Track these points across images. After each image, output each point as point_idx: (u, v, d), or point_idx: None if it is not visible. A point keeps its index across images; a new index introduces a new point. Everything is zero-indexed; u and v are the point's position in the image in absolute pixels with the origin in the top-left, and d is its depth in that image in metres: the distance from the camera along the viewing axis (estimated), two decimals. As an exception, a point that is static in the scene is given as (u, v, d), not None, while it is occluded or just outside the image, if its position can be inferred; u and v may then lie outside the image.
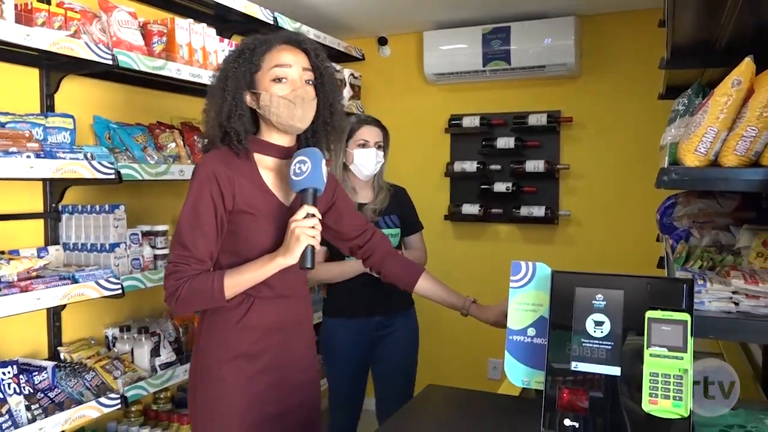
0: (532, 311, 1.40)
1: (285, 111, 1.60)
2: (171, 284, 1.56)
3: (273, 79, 1.61)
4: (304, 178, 1.56)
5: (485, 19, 3.52)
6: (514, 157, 3.60)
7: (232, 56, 1.67)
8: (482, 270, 3.71)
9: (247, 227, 1.62)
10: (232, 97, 1.60)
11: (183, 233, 1.57)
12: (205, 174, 1.58)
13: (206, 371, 1.65)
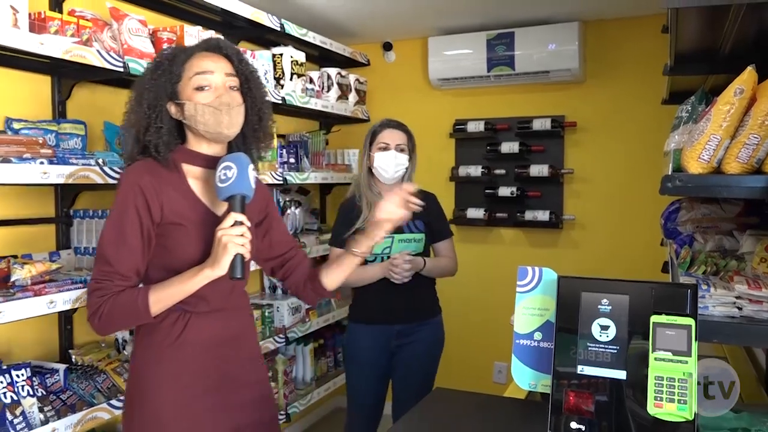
0: (538, 316, 1.42)
1: (211, 119, 1.55)
2: (93, 302, 1.49)
3: (195, 88, 1.56)
4: (230, 185, 1.49)
5: (489, 25, 3.55)
6: (518, 161, 3.63)
7: (149, 69, 1.61)
8: (487, 274, 3.73)
9: (176, 239, 1.55)
10: (150, 109, 1.55)
11: (106, 248, 1.50)
12: (130, 186, 1.52)
13: (144, 395, 1.57)
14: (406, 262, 2.44)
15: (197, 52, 1.60)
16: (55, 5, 2.25)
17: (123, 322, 1.54)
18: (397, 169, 2.53)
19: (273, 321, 3.07)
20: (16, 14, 1.86)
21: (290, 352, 3.28)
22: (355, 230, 2.52)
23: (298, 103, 3.12)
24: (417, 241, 2.56)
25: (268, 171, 2.92)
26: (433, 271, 2.57)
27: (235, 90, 1.60)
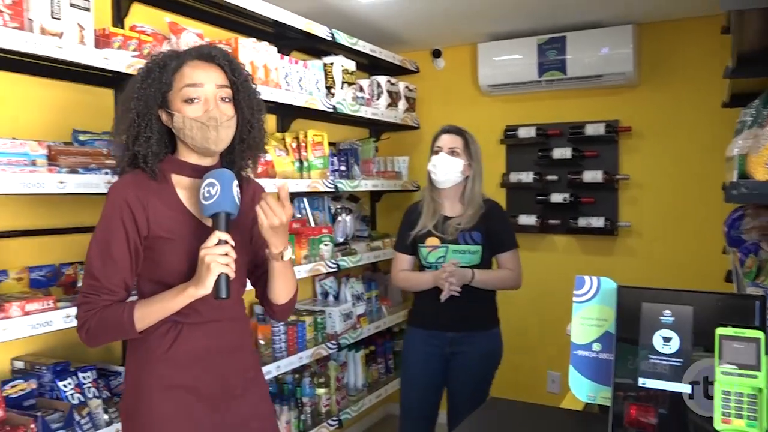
0: (596, 326, 1.39)
1: (198, 134, 1.51)
2: (81, 315, 1.48)
3: (184, 100, 1.51)
4: (213, 202, 1.45)
5: (540, 30, 3.51)
6: (571, 167, 3.57)
7: (140, 75, 1.55)
8: (539, 281, 3.67)
9: (163, 252, 1.52)
10: (140, 118, 1.51)
11: (92, 263, 1.49)
12: (116, 200, 1.49)
13: (138, 406, 1.54)
14: (449, 273, 2.41)
15: (189, 60, 1.54)
16: (117, 21, 2.34)
17: (110, 337, 1.53)
18: (447, 172, 2.51)
19: (325, 327, 3.09)
20: (82, 31, 1.94)
21: (342, 359, 3.30)
22: (415, 235, 2.57)
23: (349, 111, 3.15)
24: (472, 253, 2.52)
25: (319, 179, 2.96)
26: (487, 282, 2.52)
27: (226, 101, 1.55)
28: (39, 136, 2.04)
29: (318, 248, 2.99)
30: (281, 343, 2.78)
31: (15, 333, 1.68)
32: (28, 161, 1.78)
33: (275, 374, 2.69)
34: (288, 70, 2.85)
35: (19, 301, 1.72)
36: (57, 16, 1.87)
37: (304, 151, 2.99)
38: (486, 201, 2.60)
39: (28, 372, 1.96)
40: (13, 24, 1.74)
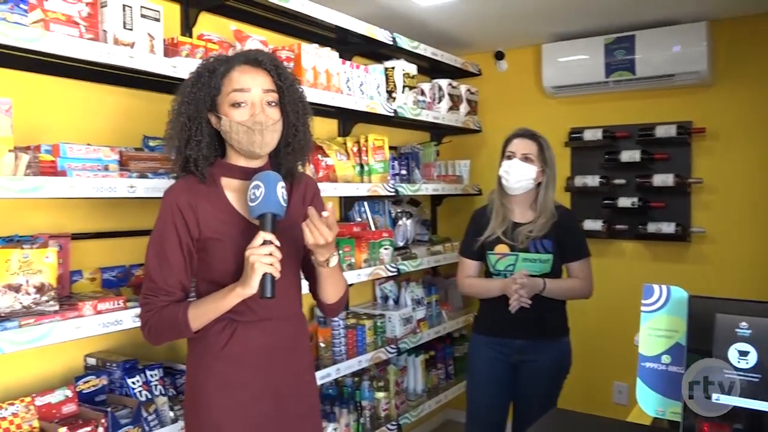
0: (665, 337, 1.33)
1: (244, 137, 1.55)
2: (142, 316, 1.58)
3: (232, 104, 1.55)
4: (259, 204, 1.48)
5: (607, 29, 3.41)
6: (639, 170, 3.44)
7: (190, 80, 1.61)
8: (606, 289, 3.54)
9: (214, 253, 1.57)
10: (191, 122, 1.56)
11: (149, 265, 1.57)
12: (167, 205, 1.57)
13: (198, 402, 1.60)
14: (519, 285, 2.36)
15: (237, 65, 1.58)
16: (186, 30, 2.41)
17: (169, 336, 1.59)
18: (519, 179, 2.45)
19: (385, 331, 3.09)
20: (152, 41, 2.01)
21: (401, 363, 3.29)
22: (483, 241, 2.51)
23: (410, 116, 3.14)
24: (542, 262, 2.45)
25: (380, 183, 2.96)
26: (557, 292, 2.46)
27: (273, 106, 1.59)
28: (112, 143, 2.12)
29: (378, 252, 2.99)
30: (341, 346, 2.80)
31: (87, 331, 1.75)
32: (101, 166, 1.85)
33: (334, 377, 2.70)
34: (349, 75, 2.87)
35: (91, 300, 1.79)
36: (129, 27, 1.94)
37: (364, 155, 3.00)
38: (557, 207, 2.52)
39: (100, 369, 2.04)
40: (89, 35, 1.82)
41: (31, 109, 1.97)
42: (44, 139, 1.88)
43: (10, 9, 1.63)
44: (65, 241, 1.96)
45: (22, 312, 1.65)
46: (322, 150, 2.82)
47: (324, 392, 3.01)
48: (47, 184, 1.65)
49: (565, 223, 2.50)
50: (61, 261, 1.94)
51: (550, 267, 2.45)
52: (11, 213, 1.90)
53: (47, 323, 1.66)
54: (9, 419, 1.74)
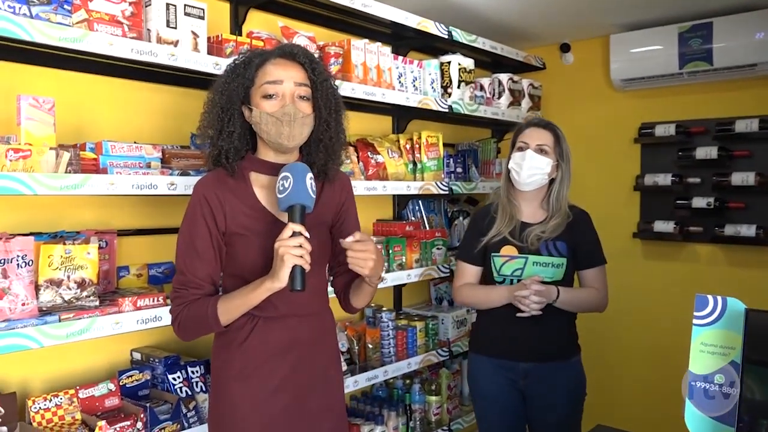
0: (720, 355, 1.19)
1: (273, 128, 1.54)
2: (173, 310, 1.58)
3: (263, 96, 1.55)
4: (287, 195, 1.47)
5: (682, 17, 3.18)
6: (716, 168, 3.19)
7: (226, 71, 1.62)
8: (676, 296, 3.33)
9: (239, 248, 1.57)
10: (224, 113, 1.57)
11: (180, 259, 1.57)
12: (197, 198, 1.57)
13: (219, 391, 1.62)
14: (535, 291, 2.06)
15: (272, 58, 1.59)
16: (235, 28, 2.42)
17: (199, 331, 1.58)
18: (531, 173, 2.17)
19: (437, 333, 3.01)
20: (196, 38, 2.02)
21: (455, 366, 3.20)
22: (487, 243, 2.25)
23: (466, 111, 3.04)
24: (555, 266, 2.17)
25: (433, 181, 2.88)
26: (571, 303, 2.16)
27: (305, 100, 1.58)
28: (161, 141, 2.15)
29: (430, 252, 2.91)
30: (390, 348, 2.74)
31: (126, 327, 1.77)
32: (143, 164, 1.87)
33: (382, 379, 2.65)
34: (402, 70, 2.80)
35: (131, 296, 1.81)
36: (173, 25, 1.95)
37: (417, 153, 2.93)
38: (571, 208, 2.26)
39: (144, 363, 2.07)
40: (132, 34, 1.84)
41: (78, 108, 2.02)
42: (91, 137, 1.92)
43: (53, 10, 1.67)
44: (111, 237, 2.00)
45: (63, 307, 1.69)
46: (373, 147, 2.77)
47: (373, 394, 2.97)
48: (88, 182, 1.68)
49: (581, 225, 2.23)
50: (107, 257, 1.99)
51: (563, 273, 2.17)
52: (59, 209, 1.95)
53: (87, 318, 1.69)
54: (53, 410, 1.79)
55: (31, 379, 1.90)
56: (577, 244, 2.21)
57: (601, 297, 2.23)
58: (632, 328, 3.42)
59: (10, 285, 1.60)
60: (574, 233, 2.20)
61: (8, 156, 1.56)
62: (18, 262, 1.61)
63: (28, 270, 1.63)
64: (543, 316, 2.10)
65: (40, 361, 1.91)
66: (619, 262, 3.32)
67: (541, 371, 2.17)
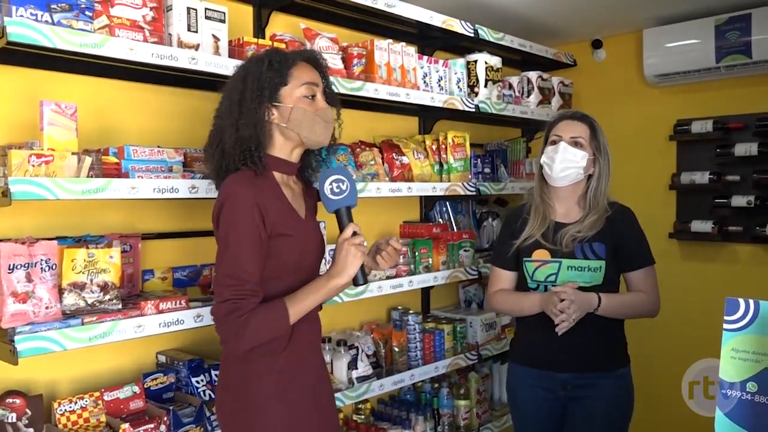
0: (753, 361, 1.12)
1: (319, 128, 1.62)
2: (233, 323, 1.45)
3: (304, 96, 1.60)
4: (345, 197, 1.54)
5: (718, 9, 3.07)
6: (757, 165, 3.07)
7: (255, 67, 1.59)
8: (715, 298, 3.17)
9: (282, 250, 1.55)
10: (260, 106, 1.56)
11: (231, 267, 1.47)
12: (243, 201, 1.49)
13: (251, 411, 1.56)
14: (567, 301, 1.89)
15: (302, 60, 1.64)
16: (258, 31, 2.42)
17: (265, 338, 1.52)
18: (564, 166, 2.02)
19: (465, 336, 2.96)
20: (217, 42, 2.02)
21: (484, 370, 3.14)
22: (519, 246, 2.12)
23: (493, 111, 2.99)
24: (593, 270, 2.00)
25: (459, 182, 2.84)
26: (616, 310, 2.00)
27: (326, 104, 1.67)
28: (185, 145, 2.16)
29: (457, 254, 2.87)
30: (417, 351, 2.71)
31: (149, 330, 1.78)
32: (165, 167, 1.88)
33: (408, 383, 2.62)
34: (427, 70, 2.77)
35: (153, 300, 1.82)
36: (194, 29, 1.96)
37: (444, 153, 2.89)
38: (612, 204, 2.09)
39: (169, 366, 2.08)
40: (153, 39, 1.86)
41: (102, 113, 2.04)
42: (115, 142, 1.94)
43: (75, 16, 1.69)
44: (135, 240, 2.02)
45: (86, 310, 1.71)
46: (398, 148, 2.74)
47: (401, 397, 2.94)
48: (110, 186, 1.69)
49: (622, 221, 2.06)
50: (131, 260, 2.01)
51: (602, 277, 2.00)
52: (83, 213, 1.97)
53: (109, 321, 1.70)
54: (78, 412, 1.81)
55: (58, 381, 1.93)
56: (618, 244, 2.03)
57: (652, 301, 2.05)
58: (668, 333, 3.30)
59: (34, 289, 1.62)
60: (614, 232, 2.03)
61: (31, 161, 1.58)
62: (42, 266, 1.64)
63: (52, 274, 1.65)
64: (583, 323, 1.94)
65: (67, 363, 1.93)
66: (654, 263, 3.23)
67: (583, 382, 2.01)
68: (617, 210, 2.08)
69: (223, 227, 1.52)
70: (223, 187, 1.56)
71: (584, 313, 1.93)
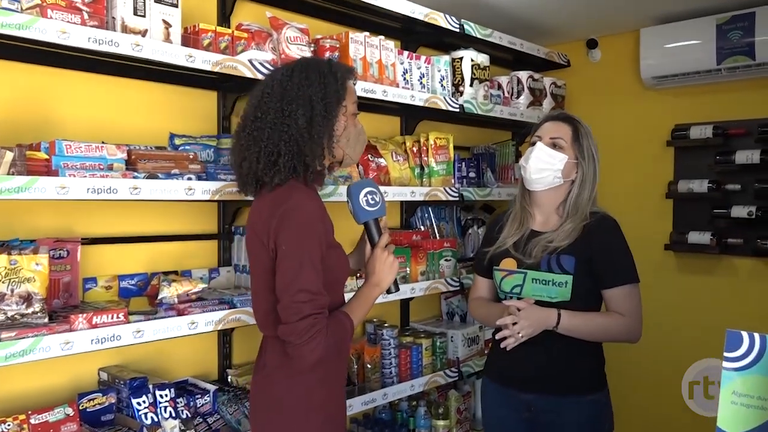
0: (757, 408, 0.93)
1: (360, 147, 1.66)
2: (318, 338, 1.42)
3: (354, 114, 1.62)
4: (378, 209, 1.62)
5: (720, 7, 2.89)
6: (759, 174, 2.89)
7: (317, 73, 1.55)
8: (713, 313, 3.03)
9: (335, 262, 1.57)
10: (336, 117, 1.56)
11: (309, 280, 1.44)
12: (317, 215, 1.50)
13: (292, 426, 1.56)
14: (511, 317, 1.77)
15: (349, 75, 1.63)
16: (223, 20, 2.24)
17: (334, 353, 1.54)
18: (539, 167, 1.86)
19: (446, 352, 2.77)
20: (168, 28, 1.84)
21: (466, 388, 2.95)
22: (492, 254, 1.98)
23: (479, 111, 2.80)
24: (558, 285, 1.82)
25: (441, 186, 2.65)
26: (579, 331, 1.80)
27: None
28: (137, 141, 1.98)
29: (438, 264, 2.68)
30: (391, 368, 2.51)
31: (80, 347, 1.58)
32: (104, 166, 1.69)
33: (380, 403, 2.43)
34: (407, 66, 2.59)
35: (87, 313, 1.63)
36: (141, 13, 1.77)
37: (425, 156, 2.70)
38: (593, 214, 1.89)
39: (110, 385, 1.89)
40: (93, 22, 1.67)
41: (40, 105, 1.85)
42: (51, 137, 1.74)
43: (-1, -6, 1.50)
44: (74, 246, 1.83)
45: (5, 324, 1.52)
46: (376, 150, 2.55)
47: (376, 416, 2.74)
48: (34, 184, 1.50)
49: (601, 232, 1.84)
50: (69, 267, 1.82)
51: (570, 293, 1.81)
52: (12, 215, 1.78)
53: (31, 337, 1.50)
54: (-2, 438, 1.62)
55: (-22, 402, 1.74)
56: (593, 258, 1.82)
57: (629, 325, 1.81)
58: (662, 351, 3.11)
59: (-58, 300, 1.43)
60: (590, 244, 1.83)
61: (-62, 155, 1.39)
62: (-48, 274, 1.45)
63: (-36, 283, 1.46)
64: (545, 341, 1.80)
65: (-10, 381, 1.74)
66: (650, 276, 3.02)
67: (548, 405, 1.83)
68: (597, 219, 1.88)
69: (294, 240, 1.46)
70: (288, 198, 1.49)
71: (538, 330, 1.78)
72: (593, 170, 1.91)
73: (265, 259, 1.52)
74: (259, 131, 1.54)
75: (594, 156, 1.91)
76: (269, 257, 1.51)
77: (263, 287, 1.55)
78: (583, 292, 1.83)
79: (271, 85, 1.58)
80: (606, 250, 1.85)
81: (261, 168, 1.53)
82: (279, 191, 1.52)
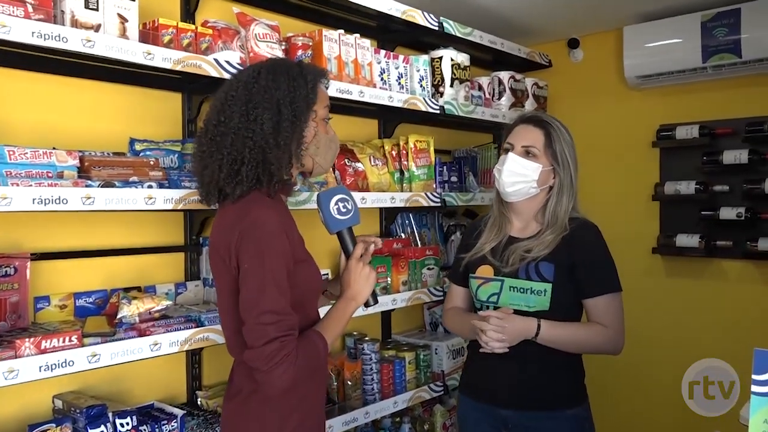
0: (794, 439, 0.82)
1: (331, 155, 1.55)
2: (285, 363, 1.29)
3: (324, 119, 1.52)
4: (351, 217, 1.51)
5: (705, 4, 2.82)
6: (747, 174, 2.81)
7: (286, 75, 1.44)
8: (702, 318, 2.95)
9: (305, 277, 1.45)
10: (302, 122, 1.44)
11: (274, 300, 1.32)
12: (277, 228, 1.37)
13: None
14: (497, 325, 1.67)
15: (320, 78, 1.52)
16: (187, 16, 2.09)
17: (307, 375, 1.41)
18: (512, 180, 1.77)
19: (430, 365, 2.64)
20: (124, 23, 1.69)
21: (452, 402, 2.82)
22: (469, 259, 1.88)
23: (460, 113, 2.69)
24: (537, 293, 1.72)
25: (422, 191, 2.52)
26: (562, 341, 1.71)
27: None
28: (93, 147, 1.82)
29: (420, 273, 2.55)
30: (373, 384, 2.38)
31: (26, 375, 1.43)
32: (53, 173, 1.54)
33: (363, 422, 2.29)
34: (385, 66, 2.46)
35: (35, 337, 1.47)
36: (93, 7, 1.63)
37: (405, 160, 2.58)
38: (573, 220, 1.78)
39: (66, 414, 1.73)
40: (38, 15, 1.51)
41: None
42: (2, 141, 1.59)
43: (-73, -17, 1.34)
44: (22, 262, 1.66)
45: (-61, 352, 1.35)
46: (353, 153, 2.42)
47: (357, 435, 2.60)
48: (-30, 195, 1.35)
49: (582, 240, 1.75)
50: (17, 286, 1.65)
51: (548, 302, 1.71)
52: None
53: (-32, 366, 1.34)
54: (-66, 480, 1.45)
55: None
56: (573, 266, 1.73)
57: (610, 337, 1.72)
58: (650, 358, 3.02)
59: None
60: (570, 251, 1.73)
61: None
62: None
63: None
64: (526, 353, 1.70)
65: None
66: (637, 281, 2.94)
67: (524, 421, 1.73)
68: (578, 226, 1.78)
69: (256, 258, 1.34)
70: (248, 213, 1.37)
71: (517, 341, 1.69)
72: (571, 176, 1.80)
73: (227, 278, 1.39)
74: (222, 137, 1.41)
75: (569, 160, 1.79)
76: (232, 276, 1.38)
77: (230, 306, 1.41)
78: (562, 300, 1.73)
79: (236, 87, 1.45)
80: (587, 258, 1.75)
81: (223, 177, 1.40)
82: (241, 203, 1.41)
